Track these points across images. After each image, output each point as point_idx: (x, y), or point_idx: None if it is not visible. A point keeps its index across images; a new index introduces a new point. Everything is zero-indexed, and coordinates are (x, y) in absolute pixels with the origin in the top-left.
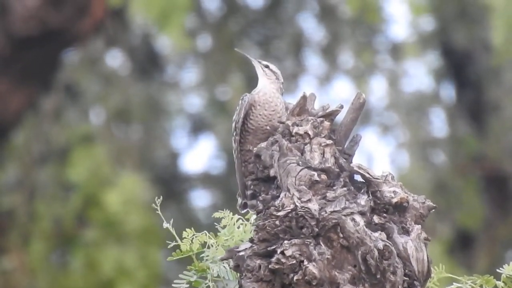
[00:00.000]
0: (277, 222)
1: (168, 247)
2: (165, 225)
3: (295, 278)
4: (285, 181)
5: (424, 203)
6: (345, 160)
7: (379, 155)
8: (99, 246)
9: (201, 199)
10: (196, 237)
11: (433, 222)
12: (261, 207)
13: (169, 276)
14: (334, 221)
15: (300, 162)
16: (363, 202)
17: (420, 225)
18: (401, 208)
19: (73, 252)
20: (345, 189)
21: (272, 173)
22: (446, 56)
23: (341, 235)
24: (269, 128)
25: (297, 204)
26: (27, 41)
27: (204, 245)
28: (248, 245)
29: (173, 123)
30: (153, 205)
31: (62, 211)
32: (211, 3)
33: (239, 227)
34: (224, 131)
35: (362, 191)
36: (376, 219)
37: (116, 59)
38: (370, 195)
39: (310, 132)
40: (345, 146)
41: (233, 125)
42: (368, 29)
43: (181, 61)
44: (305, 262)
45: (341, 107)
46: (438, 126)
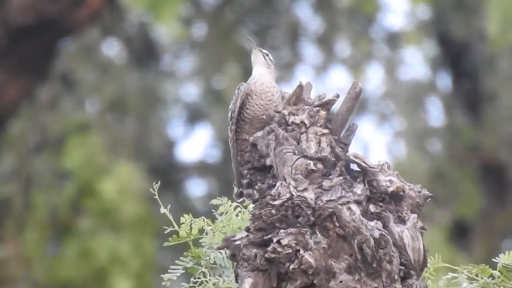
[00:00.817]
0: (273, 211)
1: (165, 232)
2: (163, 210)
3: (291, 267)
4: (281, 170)
5: (420, 192)
6: (341, 149)
7: (375, 144)
8: (94, 235)
9: (197, 188)
10: (194, 222)
11: (432, 210)
12: (257, 196)
13: (164, 265)
14: (330, 210)
15: (296, 151)
16: (359, 191)
17: (416, 214)
18: (397, 197)
19: (68, 241)
20: (341, 178)
21: (268, 162)
22: (443, 45)
23: (337, 224)
24: (265, 117)
25: (293, 193)
26: (23, 30)
27: (202, 231)
28: (244, 234)
29: (169, 112)
30: (151, 189)
31: (57, 200)
32: None
33: (237, 215)
34: (220, 120)
35: (358, 180)
36: (372, 208)
37: (112, 49)
38: (366, 184)
39: (306, 122)
40: (341, 135)
41: (229, 114)
42: (365, 18)
43: (177, 50)
44: (301, 251)
45: (337, 96)
46: (435, 115)
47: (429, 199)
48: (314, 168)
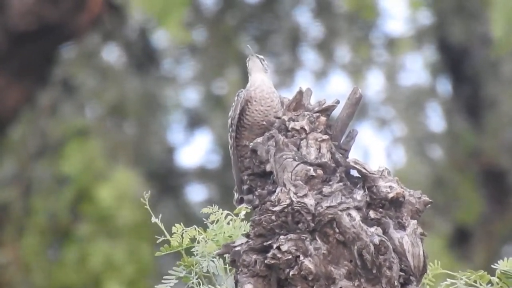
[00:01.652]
0: (273, 217)
1: (157, 242)
2: (154, 219)
3: (291, 273)
4: (281, 176)
5: (420, 198)
6: (341, 155)
7: (375, 150)
8: (91, 241)
9: (197, 193)
10: (185, 231)
11: (432, 216)
12: (257, 202)
13: (161, 271)
14: (330, 216)
15: (296, 157)
16: (359, 197)
17: (416, 220)
18: (397, 203)
19: (67, 246)
20: (341, 184)
21: (268, 168)
22: (443, 50)
23: (337, 230)
24: (265, 123)
25: (293, 199)
26: (24, 36)
27: (194, 240)
28: (244, 240)
29: (169, 117)
30: (141, 199)
31: (57, 205)
32: None
33: (228, 223)
34: (220, 126)
35: (358, 186)
36: (372, 214)
37: (112, 54)
38: (366, 190)
39: (306, 127)
40: (341, 141)
41: (229, 121)
42: (365, 24)
43: (178, 55)
44: (301, 257)
45: (337, 102)
46: (435, 121)
47: (429, 205)
48: (314, 174)
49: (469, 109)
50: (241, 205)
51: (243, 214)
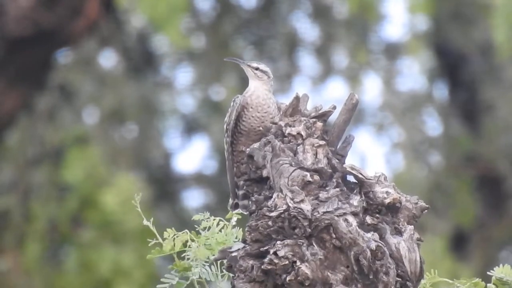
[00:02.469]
0: (269, 223)
1: (149, 245)
2: (145, 222)
3: (287, 278)
4: (277, 181)
5: (417, 203)
6: (337, 160)
7: (373, 155)
8: (96, 247)
9: (194, 199)
10: (177, 236)
11: (433, 220)
12: (253, 208)
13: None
14: (326, 221)
15: (293, 163)
16: (355, 203)
17: (412, 226)
18: (393, 208)
19: (68, 252)
20: (337, 189)
21: (264, 173)
22: (440, 55)
23: (334, 235)
24: (262, 129)
25: (290, 204)
26: (20, 41)
27: (185, 244)
28: (241, 245)
29: (167, 123)
30: (132, 202)
31: (57, 211)
32: (204, 3)
33: (220, 230)
34: (218, 132)
35: (355, 191)
36: (368, 219)
37: (109, 59)
38: (363, 195)
39: (303, 133)
40: (337, 146)
41: (225, 127)
42: (362, 29)
43: (175, 61)
44: (298, 263)
45: (334, 108)
46: (432, 126)
47: (426, 210)
48: (310, 179)
49: (466, 114)
50: (235, 210)
51: (234, 221)
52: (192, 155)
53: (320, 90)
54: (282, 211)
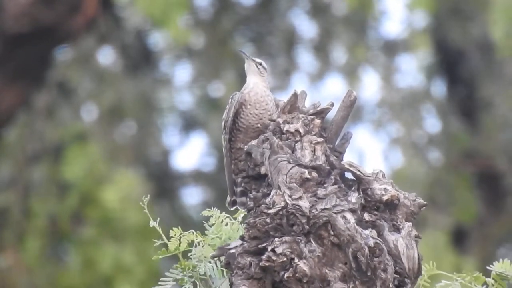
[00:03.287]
0: (267, 220)
1: (154, 245)
2: (152, 223)
3: (285, 275)
4: (276, 178)
5: (415, 200)
6: (336, 157)
7: (371, 152)
8: (97, 244)
9: (192, 196)
10: (183, 236)
11: (434, 216)
12: (252, 205)
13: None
14: (324, 218)
15: (291, 160)
16: (353, 200)
17: (411, 223)
18: (392, 205)
19: (69, 249)
20: (336, 186)
21: (263, 170)
22: (439, 52)
23: (332, 232)
24: (260, 126)
25: (288, 201)
26: (19, 38)
27: (191, 244)
28: (239, 242)
29: (165, 120)
30: (140, 203)
31: (57, 208)
32: (203, 0)
33: (226, 225)
34: (216, 129)
35: (353, 188)
36: (366, 216)
37: (108, 56)
38: (361, 192)
39: (301, 130)
40: (336, 143)
41: (223, 124)
42: (361, 26)
43: (174, 58)
44: (296, 260)
45: (332, 104)
46: (431, 122)
47: (424, 207)
48: (308, 176)
49: (465, 110)
50: (233, 207)
51: (241, 217)
52: (190, 152)
53: (318, 87)
54: (280, 208)
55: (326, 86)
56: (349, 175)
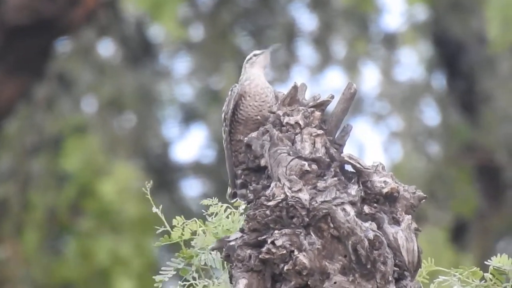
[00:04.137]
0: (267, 212)
1: (157, 232)
2: (155, 210)
3: (285, 268)
4: (275, 171)
5: (414, 193)
6: (335, 150)
7: (371, 144)
8: (94, 235)
9: (192, 188)
10: (186, 225)
11: (433, 210)
12: (251, 197)
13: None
14: (324, 211)
15: (291, 152)
16: (353, 192)
17: (410, 216)
18: (391, 198)
19: (67, 241)
20: (335, 179)
21: (262, 163)
22: (439, 45)
23: (332, 225)
24: (259, 118)
25: (288, 194)
26: (19, 30)
27: (194, 233)
28: (239, 235)
29: (165, 112)
30: (143, 188)
31: (55, 200)
32: None
33: (227, 217)
34: (216, 121)
35: (353, 181)
36: (366, 209)
37: (108, 49)
38: (361, 185)
39: (301, 122)
40: (335, 136)
41: (223, 116)
42: (361, 19)
43: (174, 50)
44: (296, 252)
45: (332, 97)
46: (430, 116)
47: (424, 200)
48: (308, 169)
49: (464, 104)
50: (234, 200)
51: (242, 208)
52: (190, 144)
53: (318, 80)
54: (280, 200)
55: (326, 79)
56: (349, 168)
